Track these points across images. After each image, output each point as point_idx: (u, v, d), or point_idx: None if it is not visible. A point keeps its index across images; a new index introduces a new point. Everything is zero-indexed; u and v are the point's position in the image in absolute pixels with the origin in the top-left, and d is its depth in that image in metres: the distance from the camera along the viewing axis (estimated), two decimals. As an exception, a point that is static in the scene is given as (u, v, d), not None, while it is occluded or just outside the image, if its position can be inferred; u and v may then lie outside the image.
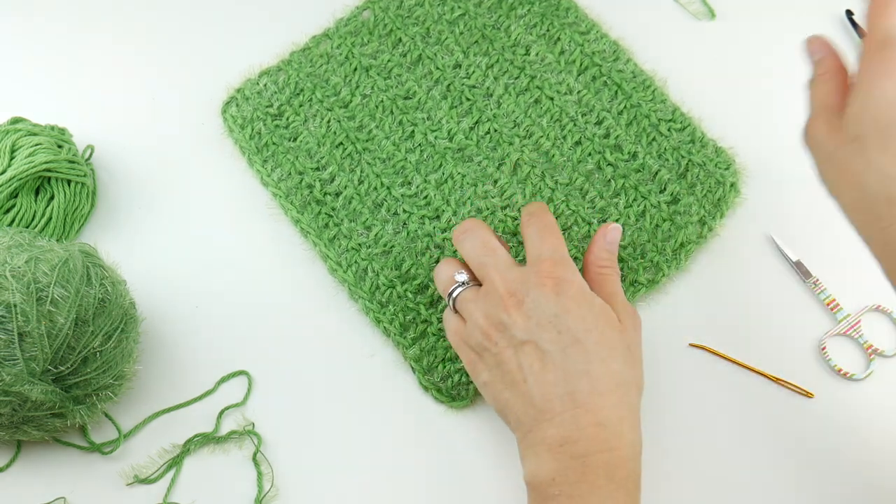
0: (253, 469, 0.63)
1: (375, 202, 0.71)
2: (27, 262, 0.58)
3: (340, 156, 0.72)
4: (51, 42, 0.79)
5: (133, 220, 0.72)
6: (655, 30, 0.80)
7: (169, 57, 0.79)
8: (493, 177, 0.72)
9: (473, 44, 0.77)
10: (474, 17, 0.78)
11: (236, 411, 0.65)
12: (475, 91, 0.75)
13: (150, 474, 0.63)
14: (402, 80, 0.75)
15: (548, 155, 0.73)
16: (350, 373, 0.67)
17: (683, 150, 0.73)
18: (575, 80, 0.75)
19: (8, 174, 0.66)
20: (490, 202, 0.71)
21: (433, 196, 0.71)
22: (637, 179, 0.72)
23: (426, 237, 0.70)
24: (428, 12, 0.78)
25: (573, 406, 0.56)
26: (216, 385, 0.66)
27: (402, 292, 0.68)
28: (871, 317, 0.69)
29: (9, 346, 0.56)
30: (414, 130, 0.73)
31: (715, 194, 0.72)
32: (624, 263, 0.69)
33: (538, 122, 0.74)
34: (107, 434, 0.65)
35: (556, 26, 0.77)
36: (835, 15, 0.81)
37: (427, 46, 0.77)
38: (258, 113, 0.74)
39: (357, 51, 0.76)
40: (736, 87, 0.77)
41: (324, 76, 0.76)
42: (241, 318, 0.69)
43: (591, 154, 0.73)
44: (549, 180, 0.71)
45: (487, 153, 0.73)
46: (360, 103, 0.74)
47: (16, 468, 0.64)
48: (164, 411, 0.65)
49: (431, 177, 0.72)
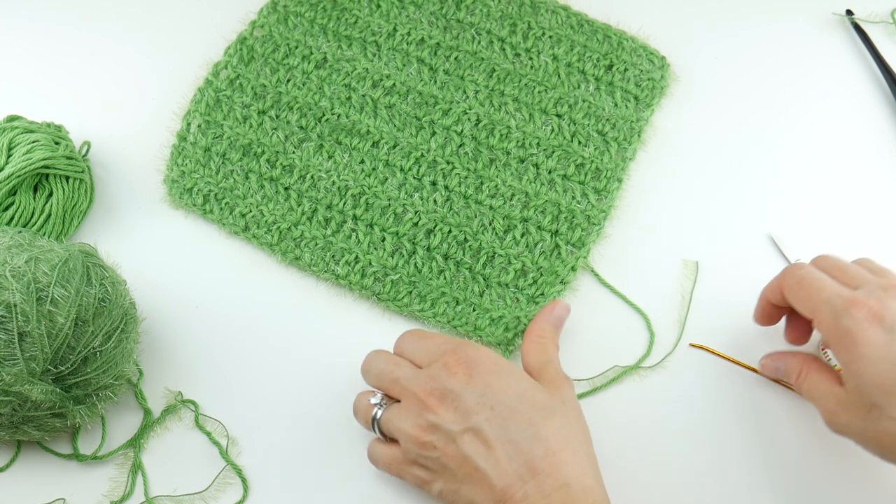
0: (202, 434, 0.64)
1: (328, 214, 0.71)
2: (27, 262, 0.57)
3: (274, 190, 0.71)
4: (45, 40, 0.79)
5: (132, 218, 0.72)
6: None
7: (166, 53, 0.79)
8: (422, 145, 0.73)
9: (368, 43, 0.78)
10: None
11: (162, 391, 0.66)
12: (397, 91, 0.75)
13: (123, 493, 0.63)
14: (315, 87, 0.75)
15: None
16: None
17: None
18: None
19: (6, 171, 0.66)
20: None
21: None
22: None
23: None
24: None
25: (533, 475, 0.55)
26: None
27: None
28: (869, 316, 0.69)
29: (9, 346, 0.56)
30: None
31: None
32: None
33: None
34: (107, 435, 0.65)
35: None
36: (835, 15, 0.81)
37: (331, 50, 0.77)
38: (195, 177, 0.72)
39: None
40: (733, 86, 0.78)
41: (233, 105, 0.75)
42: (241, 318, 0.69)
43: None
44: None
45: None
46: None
47: (16, 468, 0.63)
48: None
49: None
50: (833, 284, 0.56)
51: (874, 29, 0.79)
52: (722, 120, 0.76)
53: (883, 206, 0.73)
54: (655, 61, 0.77)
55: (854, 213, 0.73)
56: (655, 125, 0.76)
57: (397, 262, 0.69)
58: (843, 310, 0.53)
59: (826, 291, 0.55)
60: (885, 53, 0.78)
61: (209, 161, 0.72)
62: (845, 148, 0.75)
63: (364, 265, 0.69)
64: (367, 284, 0.68)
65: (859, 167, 0.74)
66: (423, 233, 0.70)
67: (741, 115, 0.76)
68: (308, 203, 0.71)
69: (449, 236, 0.69)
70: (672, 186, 0.74)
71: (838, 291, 0.55)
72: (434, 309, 0.68)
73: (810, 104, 0.77)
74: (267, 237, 0.70)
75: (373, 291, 0.68)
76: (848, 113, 0.77)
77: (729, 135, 0.76)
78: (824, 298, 0.54)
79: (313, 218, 0.70)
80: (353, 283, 0.68)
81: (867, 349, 0.51)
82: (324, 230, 0.70)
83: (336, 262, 0.69)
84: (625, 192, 0.73)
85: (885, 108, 0.76)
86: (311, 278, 0.70)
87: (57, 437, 0.64)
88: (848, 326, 0.52)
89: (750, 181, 0.74)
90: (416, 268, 0.69)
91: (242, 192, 0.71)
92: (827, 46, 0.79)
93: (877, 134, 0.76)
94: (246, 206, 0.71)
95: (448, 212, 0.70)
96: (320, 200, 0.71)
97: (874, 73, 0.78)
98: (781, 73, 0.78)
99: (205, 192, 0.71)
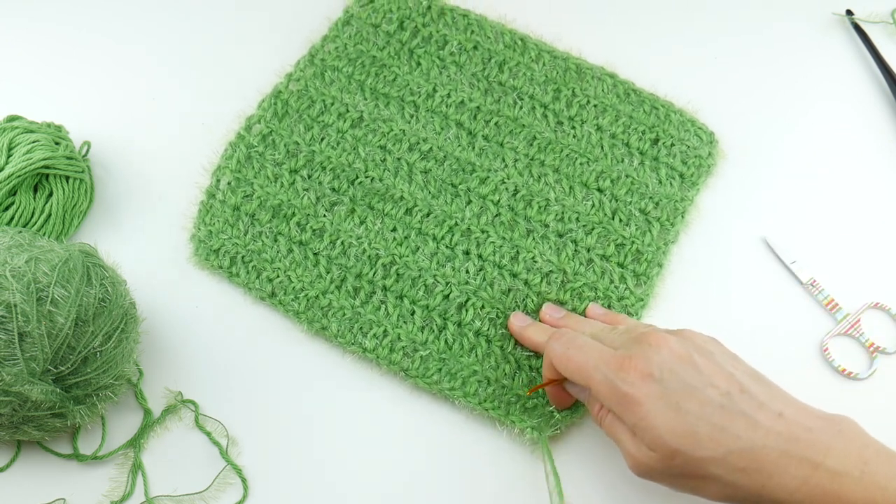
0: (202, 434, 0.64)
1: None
2: (27, 262, 0.57)
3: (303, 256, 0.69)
4: (45, 40, 0.79)
5: (131, 217, 0.72)
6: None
7: (165, 52, 0.79)
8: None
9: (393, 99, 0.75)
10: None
11: (162, 391, 0.66)
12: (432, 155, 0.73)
13: (123, 493, 0.63)
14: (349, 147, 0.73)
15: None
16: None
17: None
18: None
19: (6, 171, 0.66)
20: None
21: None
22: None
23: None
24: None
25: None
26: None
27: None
28: (870, 314, 0.69)
29: (9, 346, 0.56)
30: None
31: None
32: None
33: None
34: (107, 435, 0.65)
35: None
36: (835, 15, 0.81)
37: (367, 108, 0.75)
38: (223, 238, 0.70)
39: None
40: (734, 87, 0.78)
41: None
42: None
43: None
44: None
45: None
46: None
47: (16, 468, 0.63)
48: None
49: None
50: (595, 350, 0.57)
51: (874, 29, 0.79)
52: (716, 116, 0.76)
53: (883, 206, 0.73)
54: (703, 136, 0.74)
55: (854, 213, 0.72)
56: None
57: (427, 337, 0.67)
58: (616, 376, 0.54)
59: (592, 360, 0.56)
60: (885, 53, 0.78)
61: (238, 221, 0.70)
62: (845, 148, 0.75)
63: (393, 339, 0.66)
64: (396, 360, 0.66)
65: (859, 167, 0.74)
66: (455, 307, 0.67)
67: (741, 115, 0.76)
68: (337, 271, 0.68)
69: (481, 312, 0.67)
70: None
71: (603, 357, 0.56)
72: (465, 388, 0.65)
73: (810, 104, 0.77)
74: (294, 304, 0.67)
75: (401, 367, 0.66)
76: (848, 113, 0.77)
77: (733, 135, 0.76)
78: (592, 366, 0.56)
79: (342, 287, 0.68)
80: (381, 358, 0.66)
81: (650, 405, 0.53)
82: (352, 300, 0.67)
83: (364, 334, 0.66)
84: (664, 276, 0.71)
85: (885, 108, 0.76)
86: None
87: (57, 437, 0.64)
88: (625, 391, 0.53)
89: (748, 181, 0.74)
90: (447, 344, 0.66)
91: (270, 255, 0.69)
92: (827, 46, 0.79)
93: (877, 134, 0.76)
94: (273, 271, 0.68)
95: (481, 284, 0.68)
96: (350, 269, 0.68)
97: (874, 74, 0.78)
98: (781, 74, 0.78)
99: (232, 253, 0.69)
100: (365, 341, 0.66)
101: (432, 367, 0.66)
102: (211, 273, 0.70)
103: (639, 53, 0.78)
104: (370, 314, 0.67)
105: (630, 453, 0.55)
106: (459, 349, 0.66)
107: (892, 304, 0.69)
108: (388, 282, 0.68)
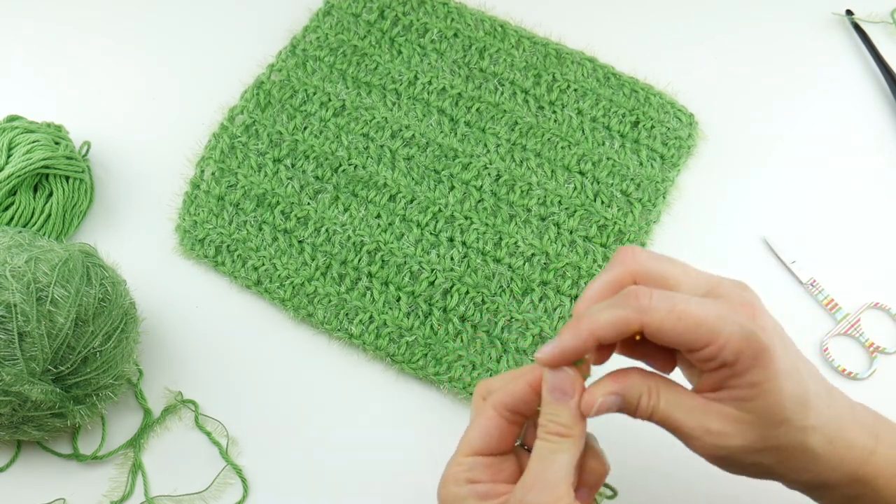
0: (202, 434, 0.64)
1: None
2: (27, 262, 0.57)
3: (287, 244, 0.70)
4: (45, 40, 0.79)
5: (131, 217, 0.72)
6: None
7: (165, 52, 0.79)
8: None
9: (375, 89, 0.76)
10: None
11: (162, 391, 0.66)
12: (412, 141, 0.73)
13: (123, 493, 0.63)
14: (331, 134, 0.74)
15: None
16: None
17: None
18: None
19: (6, 171, 0.66)
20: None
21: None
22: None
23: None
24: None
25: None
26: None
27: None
28: (870, 314, 0.69)
29: (9, 346, 0.56)
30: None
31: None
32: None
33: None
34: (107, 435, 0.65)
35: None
36: (835, 15, 0.81)
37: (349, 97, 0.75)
38: (208, 228, 0.70)
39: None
40: (734, 87, 0.78)
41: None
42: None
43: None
44: None
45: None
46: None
47: (16, 468, 0.63)
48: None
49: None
50: (716, 304, 0.46)
51: (874, 29, 0.79)
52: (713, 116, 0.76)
53: (883, 206, 0.73)
54: (683, 118, 0.74)
55: (854, 213, 0.73)
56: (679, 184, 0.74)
57: (412, 322, 0.67)
58: (756, 325, 0.45)
59: (716, 310, 0.45)
60: (885, 53, 0.78)
61: (222, 211, 0.71)
62: (845, 148, 0.75)
63: (378, 325, 0.67)
64: (382, 345, 0.66)
65: (859, 167, 0.74)
66: (440, 293, 0.68)
67: (741, 115, 0.76)
68: (322, 258, 0.69)
69: (466, 297, 0.67)
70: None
71: (728, 306, 0.46)
72: (450, 373, 0.65)
73: (810, 104, 0.77)
74: (279, 292, 0.68)
75: (387, 353, 0.66)
76: (848, 113, 0.77)
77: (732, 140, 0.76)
78: (718, 316, 0.45)
79: (327, 274, 0.68)
80: (367, 344, 0.66)
81: (782, 364, 0.45)
82: (338, 287, 0.68)
83: (350, 320, 0.67)
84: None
85: (885, 108, 0.76)
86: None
87: (57, 437, 0.64)
88: (765, 343, 0.45)
89: (748, 181, 0.74)
90: (432, 329, 0.67)
91: (255, 244, 0.69)
92: (827, 46, 0.79)
93: (877, 134, 0.76)
94: (259, 259, 0.69)
95: (465, 271, 0.68)
96: (335, 256, 0.69)
97: (874, 73, 0.78)
98: (781, 73, 0.78)
99: (217, 243, 0.70)
100: (351, 327, 0.67)
101: (418, 353, 0.66)
102: (210, 273, 0.70)
103: (643, 48, 0.78)
104: (356, 300, 0.67)
105: (712, 430, 0.46)
106: (445, 334, 0.67)
107: (892, 304, 0.69)
108: (373, 268, 0.68)
